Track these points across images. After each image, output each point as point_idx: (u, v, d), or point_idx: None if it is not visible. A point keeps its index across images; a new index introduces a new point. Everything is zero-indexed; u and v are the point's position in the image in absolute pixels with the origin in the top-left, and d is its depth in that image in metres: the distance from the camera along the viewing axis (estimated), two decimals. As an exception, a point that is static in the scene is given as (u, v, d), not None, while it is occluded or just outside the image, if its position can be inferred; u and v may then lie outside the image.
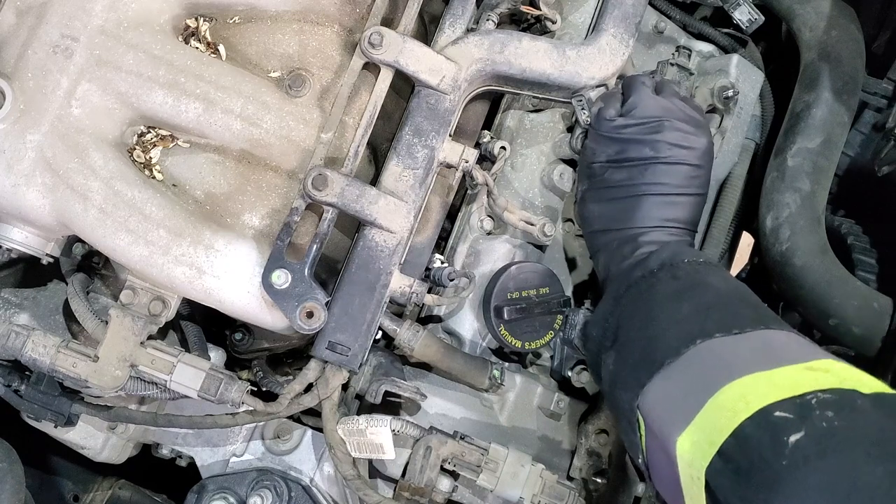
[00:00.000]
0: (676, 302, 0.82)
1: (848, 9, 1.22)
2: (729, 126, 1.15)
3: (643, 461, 0.79)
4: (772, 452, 0.62)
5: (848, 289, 1.06)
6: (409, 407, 1.02)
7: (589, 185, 0.96)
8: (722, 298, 0.82)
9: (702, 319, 0.79)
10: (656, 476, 0.78)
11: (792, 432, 0.62)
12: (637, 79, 0.96)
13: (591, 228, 0.97)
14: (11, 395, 0.97)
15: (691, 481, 0.69)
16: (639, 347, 0.82)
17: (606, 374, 0.87)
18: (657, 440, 0.75)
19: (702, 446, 0.68)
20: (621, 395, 0.82)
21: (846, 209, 1.36)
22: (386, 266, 0.91)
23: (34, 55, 0.89)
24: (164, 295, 0.93)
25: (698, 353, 0.75)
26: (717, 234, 1.19)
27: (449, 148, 0.94)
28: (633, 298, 0.87)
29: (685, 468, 0.70)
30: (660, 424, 0.74)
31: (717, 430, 0.66)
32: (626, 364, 0.83)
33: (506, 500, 0.97)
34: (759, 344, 0.75)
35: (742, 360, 0.72)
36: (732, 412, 0.66)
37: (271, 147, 0.93)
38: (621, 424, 0.84)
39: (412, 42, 0.92)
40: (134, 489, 1.31)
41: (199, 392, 0.91)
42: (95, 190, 0.89)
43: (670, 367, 0.76)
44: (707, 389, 0.70)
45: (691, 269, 0.86)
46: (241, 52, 0.97)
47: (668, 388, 0.76)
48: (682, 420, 0.71)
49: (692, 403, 0.70)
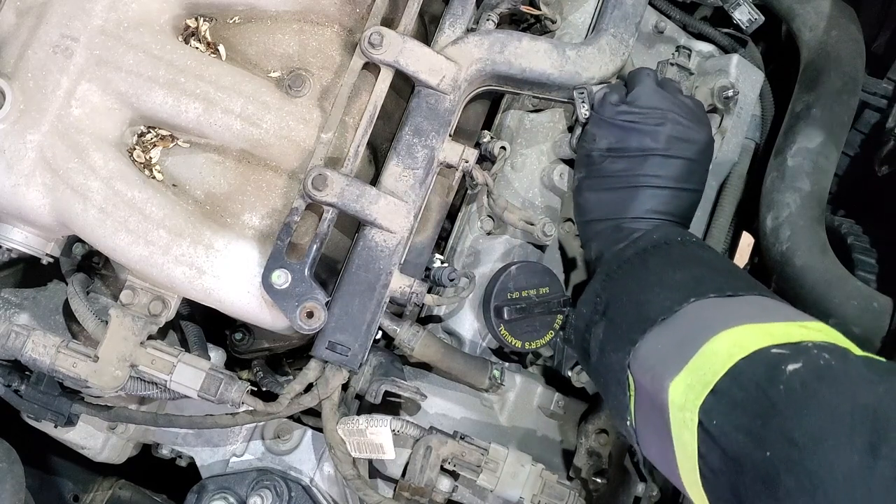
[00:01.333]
0: (670, 270, 0.82)
1: (848, 9, 1.22)
2: (729, 126, 1.15)
3: (631, 424, 0.78)
4: (768, 381, 0.62)
5: (848, 289, 1.06)
6: (409, 407, 1.02)
7: (586, 173, 0.96)
8: (716, 269, 0.82)
9: (696, 283, 0.78)
10: (644, 438, 0.77)
11: (789, 363, 0.61)
12: (642, 71, 0.96)
13: (586, 217, 0.97)
14: (11, 395, 0.97)
15: (682, 425, 0.68)
16: (630, 311, 0.81)
17: (595, 343, 0.85)
18: (647, 395, 0.74)
19: (695, 388, 0.67)
20: (612, 358, 0.81)
21: (846, 209, 1.36)
22: (386, 266, 0.91)
23: (34, 55, 0.89)
24: (164, 295, 0.93)
25: (692, 309, 0.75)
26: (717, 234, 1.19)
27: (449, 148, 0.94)
28: (625, 273, 0.86)
29: (676, 413, 0.68)
30: (651, 375, 0.73)
31: (712, 372, 0.66)
32: (617, 328, 0.82)
33: (506, 500, 0.97)
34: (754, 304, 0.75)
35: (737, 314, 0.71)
36: (727, 355, 0.66)
37: (271, 147, 0.93)
38: (610, 389, 0.82)
39: (412, 42, 0.92)
40: (134, 489, 1.30)
41: (199, 392, 0.91)
42: (95, 190, 0.89)
43: (663, 324, 0.76)
44: (701, 337, 0.69)
45: (684, 246, 0.86)
46: (241, 52, 0.97)
47: (660, 341, 0.75)
48: (674, 366, 0.70)
49: (686, 351, 0.70)
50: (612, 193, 0.93)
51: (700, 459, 0.66)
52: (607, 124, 0.94)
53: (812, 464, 0.56)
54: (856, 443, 0.55)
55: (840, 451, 0.55)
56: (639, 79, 0.95)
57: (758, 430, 0.60)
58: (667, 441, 0.71)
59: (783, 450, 0.58)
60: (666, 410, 0.70)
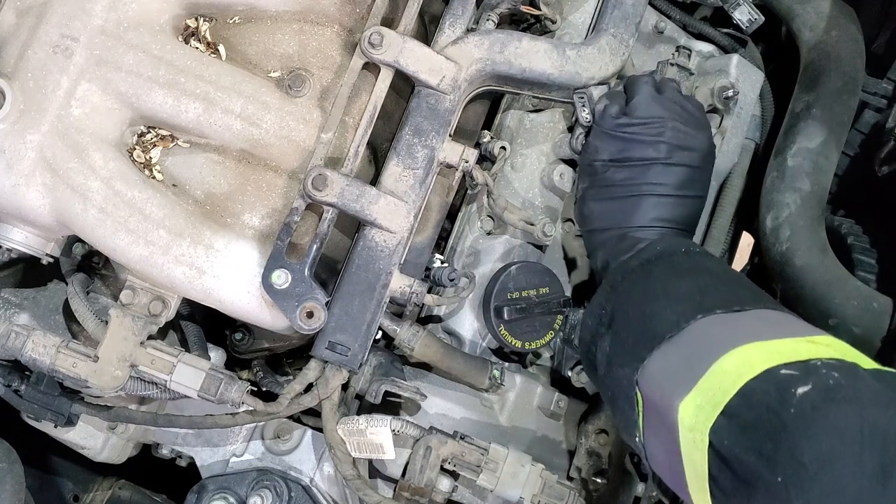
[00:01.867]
0: (675, 281, 0.82)
1: (848, 9, 1.22)
2: (729, 126, 1.15)
3: (640, 440, 0.78)
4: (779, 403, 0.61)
5: (848, 289, 1.06)
6: (409, 407, 1.02)
7: (590, 183, 0.96)
8: (720, 279, 0.82)
9: (701, 297, 0.78)
10: (653, 454, 0.77)
11: (799, 385, 0.61)
12: (640, 79, 0.96)
13: (591, 227, 0.97)
14: (11, 395, 0.97)
15: (693, 446, 0.67)
16: (637, 325, 0.81)
17: (602, 356, 0.85)
18: (656, 413, 0.73)
19: (705, 409, 0.66)
20: (619, 373, 0.80)
21: (846, 209, 1.36)
22: (386, 266, 0.91)
23: (34, 55, 0.89)
24: (164, 295, 0.93)
25: (699, 327, 0.75)
26: (717, 234, 1.19)
27: (449, 148, 0.94)
28: (630, 285, 0.86)
29: (686, 434, 0.68)
30: (660, 394, 0.73)
31: (722, 392, 0.65)
32: (624, 342, 0.82)
33: (506, 500, 0.97)
34: (761, 319, 0.74)
35: (744, 331, 0.71)
36: (737, 375, 0.65)
37: (271, 147, 0.93)
38: (618, 404, 0.82)
39: (412, 42, 0.92)
40: (134, 489, 1.30)
41: (199, 392, 0.91)
42: (95, 190, 0.89)
43: (671, 341, 0.75)
44: (710, 356, 0.69)
45: (688, 256, 0.86)
46: (241, 52, 0.96)
47: (668, 359, 0.75)
48: (684, 387, 0.69)
49: (695, 370, 0.69)
50: (616, 203, 0.93)
51: (711, 481, 0.66)
52: (608, 136, 0.94)
53: (821, 487, 0.56)
54: (865, 466, 0.55)
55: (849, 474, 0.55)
56: (637, 87, 0.94)
57: (769, 452, 0.60)
58: (676, 459, 0.71)
59: (794, 473, 0.58)
60: (675, 430, 0.70)
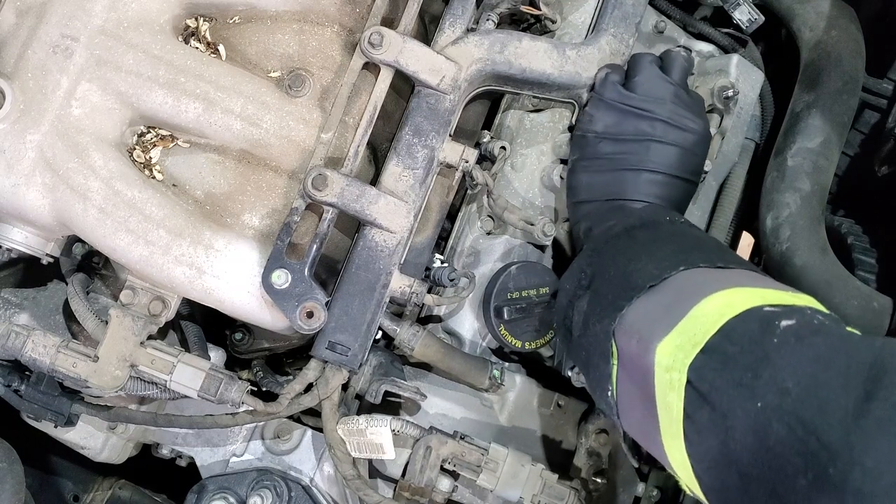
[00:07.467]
0: (659, 244, 0.81)
1: (848, 9, 1.22)
2: (729, 126, 1.15)
3: (611, 395, 0.76)
4: (761, 334, 0.60)
5: (848, 289, 1.06)
6: (409, 407, 1.02)
7: (580, 154, 0.96)
8: (705, 244, 0.81)
9: (685, 255, 0.76)
10: (624, 409, 0.75)
11: (783, 319, 0.60)
12: (645, 56, 0.96)
13: (578, 198, 0.97)
14: (11, 395, 0.97)
15: (668, 387, 0.65)
16: (617, 281, 0.79)
17: (579, 317, 0.83)
18: (631, 361, 0.71)
19: (684, 347, 0.64)
20: (595, 328, 0.78)
21: (846, 209, 1.36)
22: (386, 266, 0.91)
23: (34, 55, 0.89)
24: (164, 295, 0.94)
25: (682, 277, 0.73)
26: (717, 234, 1.19)
27: (449, 148, 0.95)
28: (612, 248, 0.85)
29: (662, 375, 0.66)
30: (638, 339, 0.71)
31: (702, 332, 0.64)
32: (603, 298, 0.79)
33: (506, 500, 0.97)
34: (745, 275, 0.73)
35: (728, 280, 0.69)
36: (718, 315, 0.64)
37: (271, 147, 0.93)
38: (592, 361, 0.79)
39: (412, 42, 0.92)
40: (134, 489, 1.31)
41: (199, 392, 0.91)
42: (95, 190, 0.89)
43: (651, 290, 0.74)
44: (691, 300, 0.67)
45: (673, 224, 0.86)
46: (241, 52, 0.96)
47: (648, 307, 0.73)
48: (662, 329, 0.67)
49: (675, 314, 0.67)
50: (605, 175, 0.93)
51: (686, 420, 0.64)
52: (606, 106, 0.94)
53: (805, 411, 0.54)
54: (850, 390, 0.53)
55: (834, 397, 0.53)
56: (642, 65, 0.95)
57: (749, 381, 0.58)
58: (649, 407, 0.68)
59: (775, 399, 0.56)
60: (650, 374, 0.67)
